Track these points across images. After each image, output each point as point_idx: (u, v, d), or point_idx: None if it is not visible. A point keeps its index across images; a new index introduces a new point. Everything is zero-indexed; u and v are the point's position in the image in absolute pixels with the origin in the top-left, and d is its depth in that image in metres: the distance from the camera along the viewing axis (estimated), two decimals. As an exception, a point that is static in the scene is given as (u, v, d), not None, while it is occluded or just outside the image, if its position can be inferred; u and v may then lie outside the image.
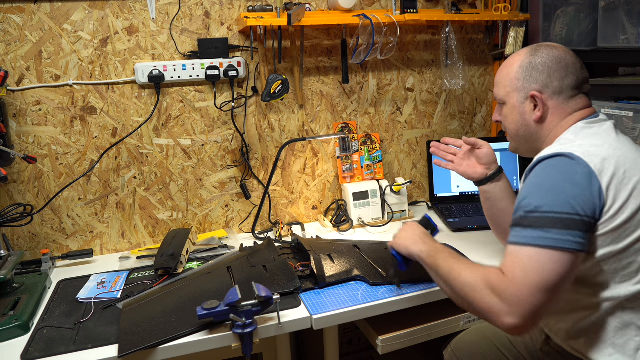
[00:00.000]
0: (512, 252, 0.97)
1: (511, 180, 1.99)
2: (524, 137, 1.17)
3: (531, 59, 1.12)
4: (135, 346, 1.08)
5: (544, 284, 0.91)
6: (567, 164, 0.98)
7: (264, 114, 1.82)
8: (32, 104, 1.56)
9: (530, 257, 0.93)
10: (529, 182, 1.01)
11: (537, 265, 0.92)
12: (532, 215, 0.95)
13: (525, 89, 1.12)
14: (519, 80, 1.13)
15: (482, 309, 0.96)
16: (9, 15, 1.49)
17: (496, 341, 1.36)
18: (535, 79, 1.11)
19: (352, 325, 1.87)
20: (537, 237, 0.93)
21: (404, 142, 2.05)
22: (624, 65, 1.73)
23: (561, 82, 1.10)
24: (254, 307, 1.11)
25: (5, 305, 1.27)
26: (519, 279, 0.92)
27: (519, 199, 1.01)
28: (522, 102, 1.14)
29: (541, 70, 1.10)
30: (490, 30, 2.05)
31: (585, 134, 1.06)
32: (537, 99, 1.11)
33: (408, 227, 1.26)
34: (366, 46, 1.71)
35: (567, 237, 0.92)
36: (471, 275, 1.00)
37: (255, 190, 1.86)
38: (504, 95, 1.17)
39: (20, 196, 1.60)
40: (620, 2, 1.54)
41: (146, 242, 1.77)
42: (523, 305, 0.91)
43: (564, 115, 1.11)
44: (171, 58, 1.67)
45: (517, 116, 1.16)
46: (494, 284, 0.94)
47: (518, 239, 0.96)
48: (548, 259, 0.92)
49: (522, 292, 0.91)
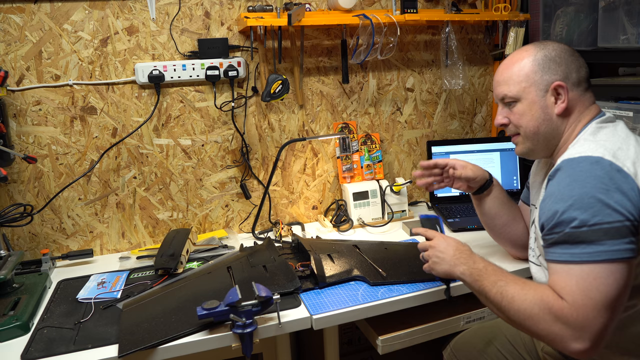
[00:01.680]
0: (564, 273, 0.91)
1: (511, 180, 2.00)
2: (544, 134, 1.11)
3: (545, 52, 1.09)
4: (135, 346, 1.08)
5: (608, 300, 0.87)
6: (601, 168, 0.93)
7: (264, 114, 1.82)
8: (32, 104, 1.56)
9: (587, 275, 0.88)
10: (561, 192, 0.94)
11: (596, 282, 0.87)
12: (580, 230, 0.90)
13: (545, 81, 1.08)
14: (536, 73, 1.08)
15: (545, 336, 0.92)
16: (9, 15, 1.49)
17: (496, 341, 1.36)
18: (555, 71, 1.07)
19: (352, 325, 1.87)
20: (592, 253, 0.88)
21: (404, 142, 2.05)
22: (624, 65, 1.73)
23: (578, 73, 1.07)
24: (254, 307, 1.11)
25: (5, 305, 1.27)
26: (581, 301, 0.87)
27: (552, 211, 0.94)
28: (542, 95, 1.08)
29: (559, 62, 1.07)
30: (490, 30, 2.05)
31: (604, 135, 1.03)
32: (562, 90, 1.06)
33: (439, 246, 1.17)
34: (366, 46, 1.71)
35: (621, 246, 0.88)
36: (526, 300, 0.93)
37: (255, 190, 1.86)
38: (519, 92, 1.10)
39: (20, 196, 1.60)
40: (620, 2, 1.54)
41: (146, 242, 1.77)
42: (590, 328, 0.86)
43: (583, 109, 1.09)
44: (171, 58, 1.67)
45: (537, 111, 1.09)
46: (555, 311, 0.89)
47: (568, 257, 0.91)
48: (607, 274, 0.87)
49: (587, 315, 0.86)
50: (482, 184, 1.36)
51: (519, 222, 1.38)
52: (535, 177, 1.30)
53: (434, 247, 1.19)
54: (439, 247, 1.18)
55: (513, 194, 1.98)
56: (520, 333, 1.33)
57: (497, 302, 0.99)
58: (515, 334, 1.35)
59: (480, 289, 1.04)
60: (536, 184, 1.28)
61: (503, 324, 1.39)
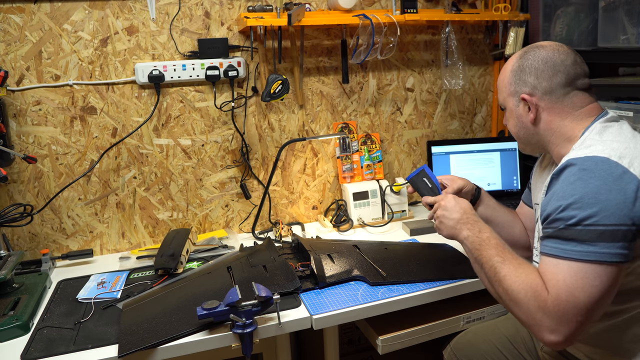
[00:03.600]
0: (552, 266, 0.92)
1: (511, 180, 2.00)
2: (524, 138, 1.17)
3: (520, 62, 1.13)
4: (135, 346, 1.08)
5: (590, 302, 0.87)
6: (605, 168, 0.92)
7: (264, 114, 1.82)
8: (32, 104, 1.56)
9: (575, 273, 0.89)
10: (564, 189, 0.94)
11: (582, 282, 0.88)
12: (575, 228, 0.90)
13: (517, 92, 1.13)
14: (511, 84, 1.14)
15: (524, 319, 0.94)
16: (9, 15, 1.49)
17: (496, 341, 1.36)
18: (525, 82, 1.11)
19: (352, 325, 1.86)
20: (582, 252, 0.89)
21: (404, 142, 2.05)
22: (624, 65, 1.73)
23: (550, 81, 1.09)
24: (254, 307, 1.11)
25: (5, 305, 1.27)
26: (564, 298, 0.88)
27: (553, 207, 0.95)
28: (516, 105, 1.14)
29: (529, 73, 1.10)
30: (490, 30, 2.05)
31: (610, 135, 1.01)
32: (528, 102, 1.11)
33: (448, 205, 1.19)
34: (366, 46, 1.71)
35: (613, 249, 0.87)
36: (516, 283, 0.96)
37: (255, 190, 1.86)
38: (502, 100, 1.19)
39: (20, 196, 1.60)
40: (620, 2, 1.54)
41: (146, 242, 1.77)
42: (568, 325, 0.88)
43: (564, 113, 1.09)
44: (171, 58, 1.67)
45: (514, 119, 1.16)
46: (539, 301, 0.91)
47: (559, 251, 0.92)
48: (594, 275, 0.87)
49: (568, 311, 0.88)
50: (473, 194, 1.36)
51: (515, 224, 1.38)
52: (538, 177, 1.30)
53: (443, 206, 1.21)
54: (447, 205, 1.20)
55: (513, 194, 1.99)
56: (520, 332, 1.34)
57: (489, 276, 1.03)
58: (515, 334, 1.35)
59: (477, 258, 1.08)
60: (539, 183, 1.27)
61: (503, 323, 1.39)
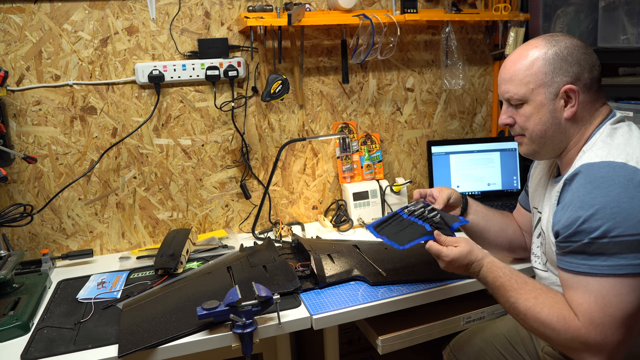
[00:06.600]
0: (581, 286, 0.86)
1: (511, 180, 2.00)
2: (551, 137, 1.04)
3: (557, 49, 0.99)
4: (135, 346, 1.08)
5: (627, 317, 0.83)
6: (625, 174, 0.87)
7: (264, 114, 1.82)
8: (32, 104, 1.56)
9: (606, 290, 0.84)
10: (581, 199, 0.89)
11: (616, 299, 0.83)
12: (601, 241, 0.85)
13: (556, 83, 0.99)
14: (546, 74, 0.99)
15: (561, 347, 0.91)
16: (9, 15, 1.49)
17: (495, 341, 1.36)
18: (566, 71, 0.98)
19: (352, 325, 1.86)
20: (612, 266, 0.84)
21: (404, 142, 2.05)
22: (624, 65, 1.73)
23: (591, 73, 0.99)
24: (254, 307, 1.11)
25: (5, 305, 1.27)
26: (599, 320, 0.84)
27: (571, 218, 0.89)
28: (551, 98, 1.00)
29: (571, 62, 0.98)
30: (490, 30, 2.05)
31: (621, 137, 0.97)
32: (573, 94, 0.98)
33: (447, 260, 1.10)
34: (366, 46, 1.71)
35: None
36: (543, 311, 0.91)
37: (255, 190, 1.86)
38: (526, 93, 1.02)
39: (20, 196, 1.60)
40: (620, 2, 1.54)
41: (146, 242, 1.77)
42: (609, 345, 0.84)
43: (593, 111, 1.02)
44: (171, 58, 1.67)
45: (545, 115, 1.01)
46: (572, 328, 0.86)
47: (587, 268, 0.86)
48: (628, 289, 0.83)
49: (605, 333, 0.83)
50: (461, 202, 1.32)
51: (508, 226, 1.36)
52: (536, 180, 1.24)
53: (443, 260, 1.11)
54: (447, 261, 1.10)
55: (513, 194, 1.99)
56: (520, 333, 1.33)
57: (514, 316, 0.99)
58: (515, 334, 1.35)
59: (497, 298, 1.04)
60: (539, 186, 1.21)
61: (503, 323, 1.39)
